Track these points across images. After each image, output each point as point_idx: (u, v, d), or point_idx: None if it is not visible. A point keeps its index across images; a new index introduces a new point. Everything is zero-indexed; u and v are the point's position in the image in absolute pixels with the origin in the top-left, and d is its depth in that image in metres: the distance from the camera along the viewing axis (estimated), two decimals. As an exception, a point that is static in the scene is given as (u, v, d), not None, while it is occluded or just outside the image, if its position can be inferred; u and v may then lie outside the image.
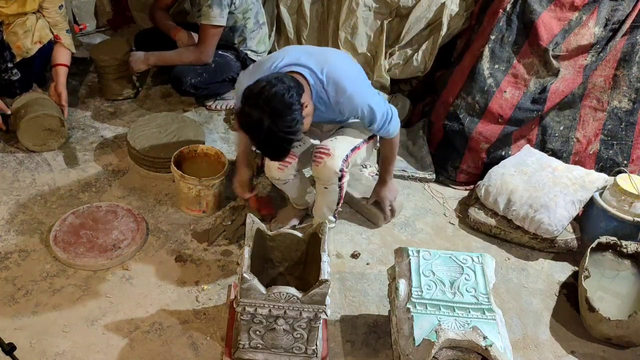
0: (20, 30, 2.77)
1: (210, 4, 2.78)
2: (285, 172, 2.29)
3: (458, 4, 3.18)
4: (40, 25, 2.82)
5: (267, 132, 1.86)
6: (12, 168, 2.70)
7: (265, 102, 1.84)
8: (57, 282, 2.20)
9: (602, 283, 2.43)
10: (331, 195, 2.30)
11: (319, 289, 1.75)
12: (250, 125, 1.88)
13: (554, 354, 2.21)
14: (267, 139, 1.89)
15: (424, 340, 1.77)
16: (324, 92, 2.07)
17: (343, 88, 2.06)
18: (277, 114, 1.85)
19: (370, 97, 2.14)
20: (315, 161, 2.19)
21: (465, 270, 2.00)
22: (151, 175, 2.73)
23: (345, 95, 2.06)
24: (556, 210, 2.55)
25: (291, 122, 1.87)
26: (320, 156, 2.18)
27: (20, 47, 2.80)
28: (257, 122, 1.85)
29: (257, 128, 1.87)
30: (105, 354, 1.98)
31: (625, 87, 2.80)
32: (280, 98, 1.85)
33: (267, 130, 1.86)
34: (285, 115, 1.86)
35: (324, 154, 2.18)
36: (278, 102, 1.84)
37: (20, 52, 2.82)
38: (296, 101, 1.89)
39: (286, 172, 2.29)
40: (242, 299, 1.80)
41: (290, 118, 1.87)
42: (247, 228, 1.94)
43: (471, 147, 2.93)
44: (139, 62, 2.91)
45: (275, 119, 1.85)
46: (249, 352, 1.97)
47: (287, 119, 1.86)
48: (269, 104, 1.84)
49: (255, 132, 1.89)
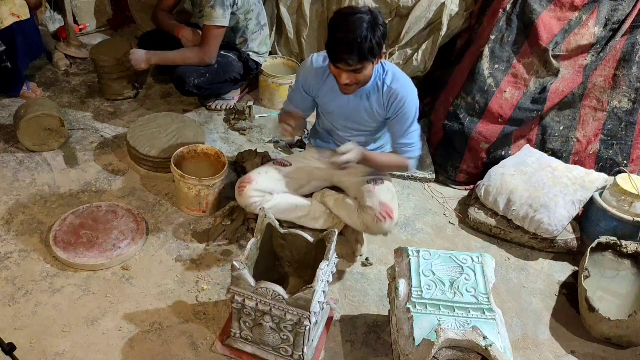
0: None
1: (213, 5, 2.77)
2: (244, 195, 2.29)
3: (458, 4, 3.18)
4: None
5: (369, 24, 1.93)
6: (12, 168, 2.70)
7: (371, 10, 1.99)
8: (57, 282, 2.20)
9: (602, 283, 2.43)
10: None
11: (303, 293, 1.76)
12: (351, 12, 1.97)
13: (554, 354, 2.21)
14: (360, 32, 1.92)
15: (424, 340, 1.77)
16: (381, 80, 2.16)
17: (398, 77, 2.18)
18: (376, 20, 1.96)
19: (417, 103, 2.23)
20: (378, 218, 2.22)
21: (465, 270, 2.00)
22: (151, 175, 2.73)
23: (399, 83, 2.16)
24: (556, 210, 2.55)
25: (384, 33, 1.98)
26: (384, 216, 2.22)
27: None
28: (361, 13, 1.95)
29: (358, 15, 1.95)
30: (105, 354, 1.98)
31: (625, 87, 2.80)
32: (383, 18, 2.01)
33: (370, 20, 1.93)
34: (383, 24, 1.98)
35: (388, 215, 2.23)
36: (381, 17, 2.00)
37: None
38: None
39: (245, 196, 2.29)
40: (233, 287, 1.86)
41: (384, 31, 1.98)
42: (258, 222, 2.00)
43: (471, 147, 2.93)
44: (140, 60, 2.91)
45: (376, 21, 1.95)
46: (239, 342, 2.01)
47: (383, 28, 1.98)
48: (373, 13, 1.98)
49: (353, 18, 1.94)
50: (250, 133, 3.15)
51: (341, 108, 2.26)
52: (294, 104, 2.35)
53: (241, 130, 3.15)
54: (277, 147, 3.06)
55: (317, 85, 2.24)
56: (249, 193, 2.29)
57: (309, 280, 1.84)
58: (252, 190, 2.30)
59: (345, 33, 1.93)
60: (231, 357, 2.02)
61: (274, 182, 2.36)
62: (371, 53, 1.96)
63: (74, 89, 3.28)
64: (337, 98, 2.21)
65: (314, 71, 2.22)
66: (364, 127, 2.31)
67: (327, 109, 2.34)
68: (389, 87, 2.15)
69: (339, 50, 1.97)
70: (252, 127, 3.19)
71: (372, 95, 2.18)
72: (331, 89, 2.21)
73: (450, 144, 2.99)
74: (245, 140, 3.10)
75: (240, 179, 2.36)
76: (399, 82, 2.16)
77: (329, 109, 2.32)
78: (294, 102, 2.35)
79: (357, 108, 2.23)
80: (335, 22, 1.98)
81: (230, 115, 3.23)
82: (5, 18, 2.79)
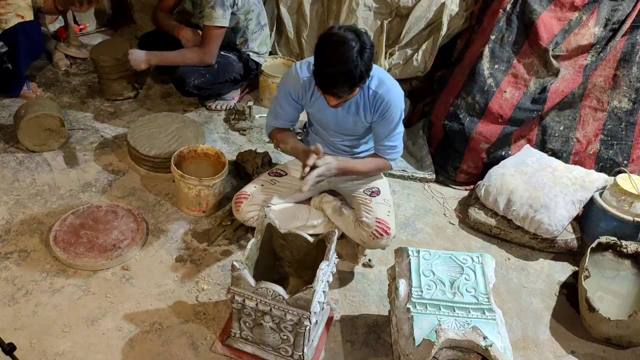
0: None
1: (213, 5, 2.78)
2: (241, 212, 2.30)
3: (458, 4, 3.18)
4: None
5: (357, 54, 1.88)
6: (12, 168, 2.70)
7: (357, 33, 1.91)
8: (57, 282, 2.20)
9: (602, 283, 2.43)
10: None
11: (303, 293, 1.76)
12: (339, 42, 1.89)
13: (554, 354, 2.21)
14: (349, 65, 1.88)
15: (424, 340, 1.77)
16: (366, 87, 2.13)
17: (383, 80, 2.15)
18: (364, 45, 1.90)
19: (402, 106, 2.20)
20: (374, 235, 2.21)
21: (465, 270, 2.00)
22: (151, 175, 2.73)
23: (384, 87, 2.13)
24: (556, 210, 2.55)
25: (372, 53, 1.93)
26: (381, 233, 2.21)
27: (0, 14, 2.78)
28: (348, 42, 1.88)
29: (346, 45, 1.88)
30: (105, 354, 1.98)
31: (625, 87, 2.80)
32: (369, 38, 1.95)
33: (358, 49, 1.88)
34: (370, 46, 1.92)
35: (384, 231, 2.21)
36: (367, 38, 1.93)
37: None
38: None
39: (242, 212, 2.30)
40: (233, 287, 1.86)
41: (371, 53, 1.93)
42: (259, 222, 2.01)
43: (471, 147, 2.93)
44: (139, 60, 2.91)
45: (364, 47, 1.89)
46: (239, 341, 2.01)
47: (370, 49, 1.92)
48: (360, 36, 1.91)
49: (341, 49, 1.88)
50: (250, 133, 3.15)
51: (329, 118, 2.26)
52: (284, 117, 2.31)
53: (241, 130, 3.15)
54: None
55: (305, 95, 2.22)
56: (246, 209, 2.30)
57: (309, 280, 1.85)
58: (249, 205, 2.30)
59: (335, 67, 1.89)
60: (231, 357, 2.02)
61: (270, 194, 2.36)
62: (361, 79, 1.94)
63: (74, 89, 3.28)
64: (325, 108, 2.19)
65: (300, 81, 2.18)
66: (353, 132, 2.32)
67: (315, 118, 2.34)
68: (374, 92, 2.13)
69: (329, 85, 1.95)
70: (252, 127, 3.19)
71: (359, 102, 2.17)
72: (318, 98, 2.20)
73: (450, 144, 2.99)
74: (245, 140, 3.10)
75: (236, 194, 2.34)
76: (385, 86, 2.13)
77: (317, 118, 2.32)
78: (283, 116, 2.31)
79: (345, 117, 2.23)
80: (323, 54, 1.92)
81: (230, 115, 3.23)
82: (10, 18, 2.79)
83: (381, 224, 2.22)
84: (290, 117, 2.33)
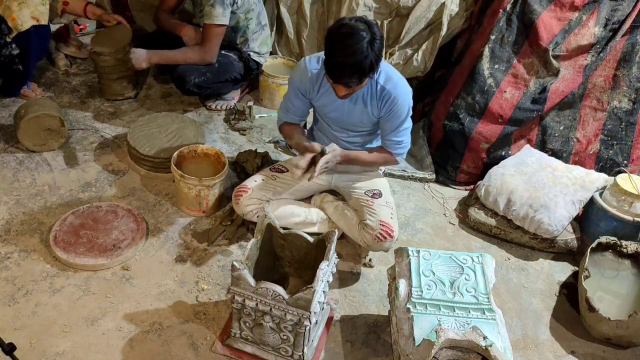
0: (14, 3, 2.76)
1: (213, 3, 2.78)
2: (240, 205, 2.31)
3: (458, 4, 3.18)
4: (37, 1, 2.81)
5: (368, 44, 1.89)
6: (12, 168, 2.70)
7: (368, 24, 1.93)
8: (57, 282, 2.20)
9: (602, 283, 2.43)
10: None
11: (303, 293, 1.76)
12: (350, 32, 1.90)
13: (554, 354, 2.21)
14: (360, 56, 1.90)
15: (424, 340, 1.77)
16: (374, 80, 2.14)
17: (391, 76, 2.16)
18: (374, 36, 1.91)
19: (410, 101, 2.21)
20: (379, 238, 2.22)
21: (465, 270, 2.00)
22: (151, 175, 2.73)
23: (392, 82, 2.14)
24: (556, 210, 2.55)
25: (382, 44, 1.95)
26: (385, 236, 2.22)
27: (15, 19, 2.75)
28: (359, 32, 1.89)
29: (356, 36, 1.89)
30: (105, 354, 1.98)
31: (625, 87, 2.80)
32: (379, 29, 1.97)
33: (369, 39, 1.89)
34: (380, 37, 1.93)
35: (388, 234, 2.22)
36: (377, 29, 1.95)
37: (15, 24, 2.77)
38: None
39: (241, 205, 2.31)
40: (233, 287, 1.86)
41: (381, 44, 1.95)
42: (258, 222, 2.01)
43: (471, 147, 2.93)
44: (140, 59, 2.90)
45: (374, 38, 1.91)
46: (239, 341, 2.01)
47: (380, 40, 1.94)
48: (370, 27, 1.92)
49: (352, 39, 1.89)
50: (250, 133, 3.15)
51: (336, 111, 2.26)
52: (293, 112, 2.33)
53: (241, 130, 3.15)
54: (277, 147, 3.06)
55: (313, 88, 2.23)
56: (245, 202, 2.31)
57: (309, 280, 1.85)
58: (248, 199, 2.31)
59: (345, 57, 1.90)
60: (231, 357, 2.02)
61: (270, 189, 2.36)
62: (371, 70, 1.96)
63: (74, 89, 3.28)
64: (332, 102, 2.21)
65: (308, 74, 2.20)
66: (360, 128, 2.32)
67: (322, 111, 2.34)
68: (382, 87, 2.15)
69: (340, 74, 1.96)
70: (252, 127, 3.19)
71: (366, 96, 2.18)
72: (326, 91, 2.21)
73: (450, 144, 2.99)
74: (245, 140, 3.10)
75: (236, 188, 2.36)
76: (392, 82, 2.15)
77: (324, 111, 2.32)
78: (293, 110, 2.33)
79: (352, 110, 2.24)
80: (333, 45, 1.93)
81: (230, 115, 3.23)
82: (25, 21, 2.80)
83: (385, 226, 2.22)
84: (300, 112, 2.34)
